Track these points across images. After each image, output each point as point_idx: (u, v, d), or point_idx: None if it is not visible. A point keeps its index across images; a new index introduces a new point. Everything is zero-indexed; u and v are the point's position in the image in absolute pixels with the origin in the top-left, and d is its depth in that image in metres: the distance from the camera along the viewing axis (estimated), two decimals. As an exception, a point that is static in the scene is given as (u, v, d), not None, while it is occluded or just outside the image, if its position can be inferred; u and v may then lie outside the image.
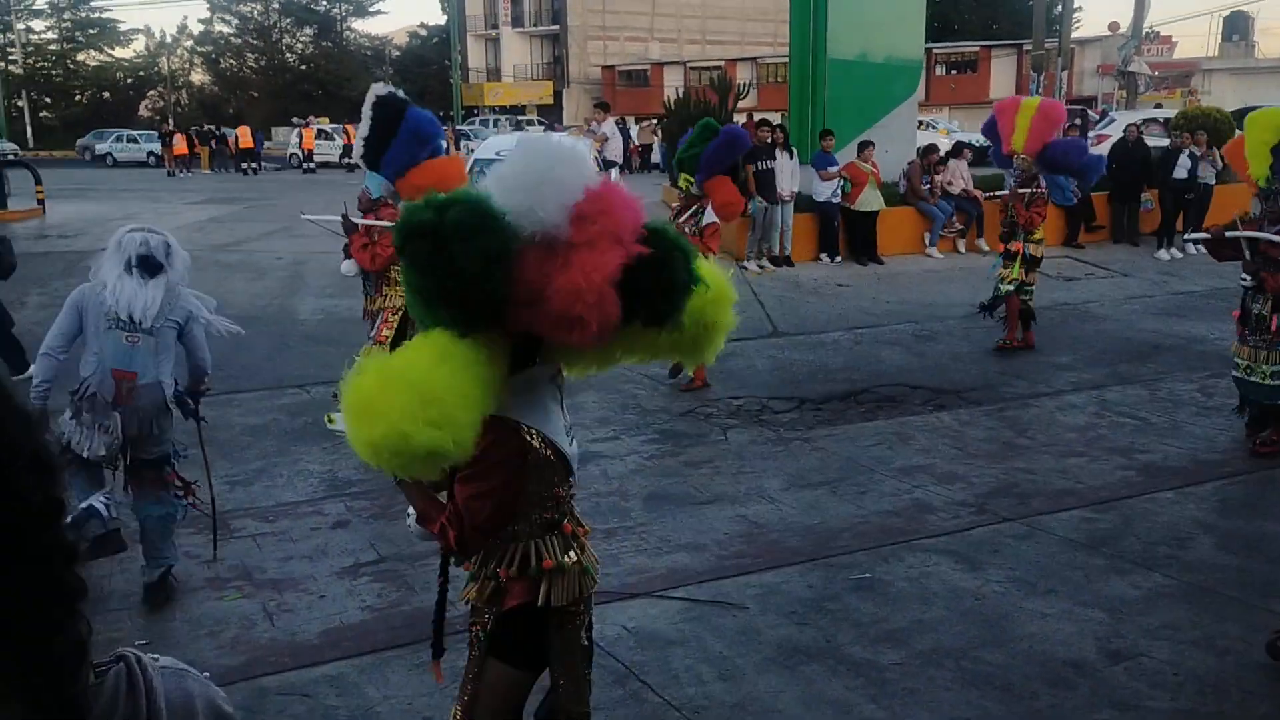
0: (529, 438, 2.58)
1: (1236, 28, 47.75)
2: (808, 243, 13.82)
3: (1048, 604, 4.77)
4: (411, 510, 2.80)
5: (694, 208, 8.55)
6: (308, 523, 5.84)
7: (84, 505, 4.34)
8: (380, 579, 5.11)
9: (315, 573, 5.18)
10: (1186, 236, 7.32)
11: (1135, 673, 4.18)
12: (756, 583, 5.05)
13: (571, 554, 2.79)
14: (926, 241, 14.37)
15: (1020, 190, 9.37)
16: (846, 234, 13.93)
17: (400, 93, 7.14)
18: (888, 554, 5.36)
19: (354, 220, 7.02)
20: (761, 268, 13.16)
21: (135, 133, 41.29)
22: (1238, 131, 7.35)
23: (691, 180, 8.55)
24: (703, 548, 5.47)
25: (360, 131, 7.01)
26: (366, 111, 6.94)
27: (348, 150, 36.23)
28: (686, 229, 8.32)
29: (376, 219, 6.91)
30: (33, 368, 8.38)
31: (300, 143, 36.92)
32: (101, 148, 40.40)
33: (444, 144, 7.47)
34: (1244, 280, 6.66)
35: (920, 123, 32.55)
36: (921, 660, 4.28)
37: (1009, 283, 9.49)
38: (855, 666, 4.25)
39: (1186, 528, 5.62)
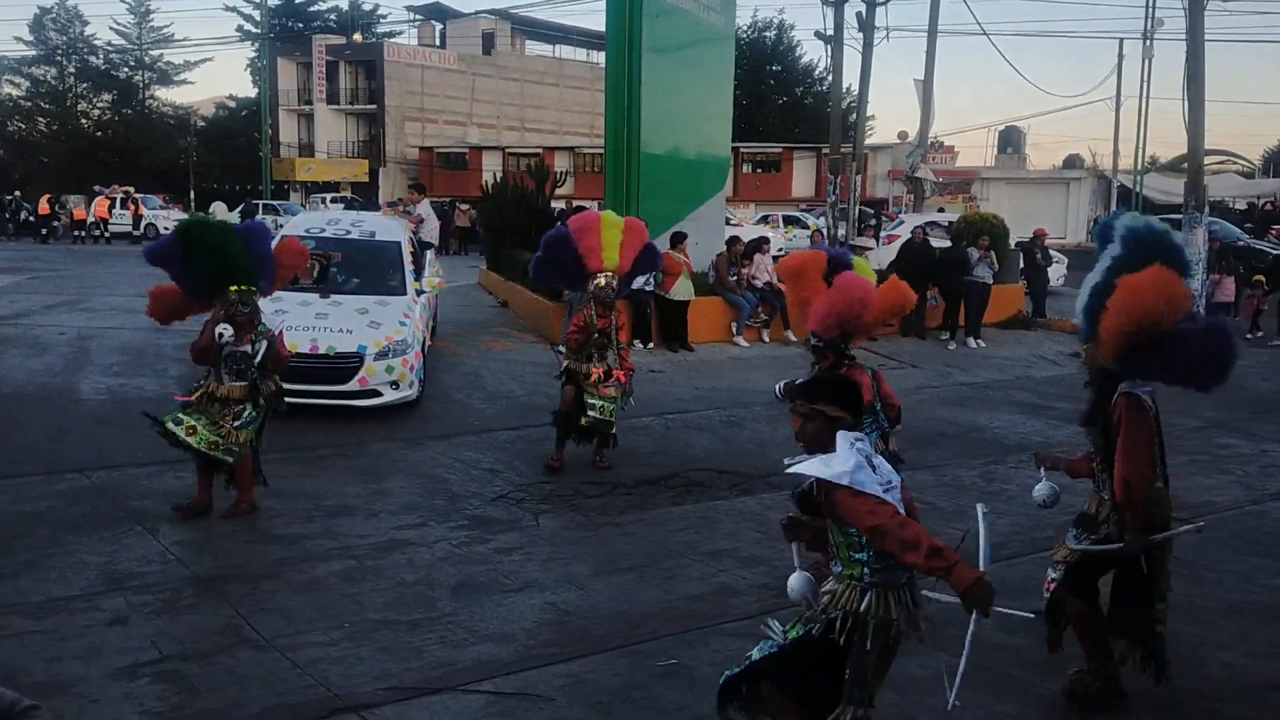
0: None
1: (1010, 141, 52.42)
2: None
3: (844, 685, 4.92)
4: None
5: (256, 324, 7.22)
6: (81, 619, 5.41)
7: None
8: (162, 680, 4.77)
9: (88, 675, 4.79)
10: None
11: (924, 750, 4.35)
12: (564, 672, 5.00)
13: None
14: (734, 331, 14.89)
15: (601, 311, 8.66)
16: (659, 322, 14.29)
17: None
18: (694, 639, 5.42)
19: None
20: (575, 353, 13.26)
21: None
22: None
23: (254, 289, 7.20)
24: (511, 637, 5.39)
25: None
26: None
27: (137, 221, 34.71)
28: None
29: None
30: None
31: (94, 210, 35.07)
32: None
33: None
34: None
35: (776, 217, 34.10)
36: (725, 746, 4.32)
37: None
38: (660, 755, 4.25)
39: (969, 608, 5.93)
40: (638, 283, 13.76)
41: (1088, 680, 4.79)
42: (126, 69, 59.12)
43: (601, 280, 8.58)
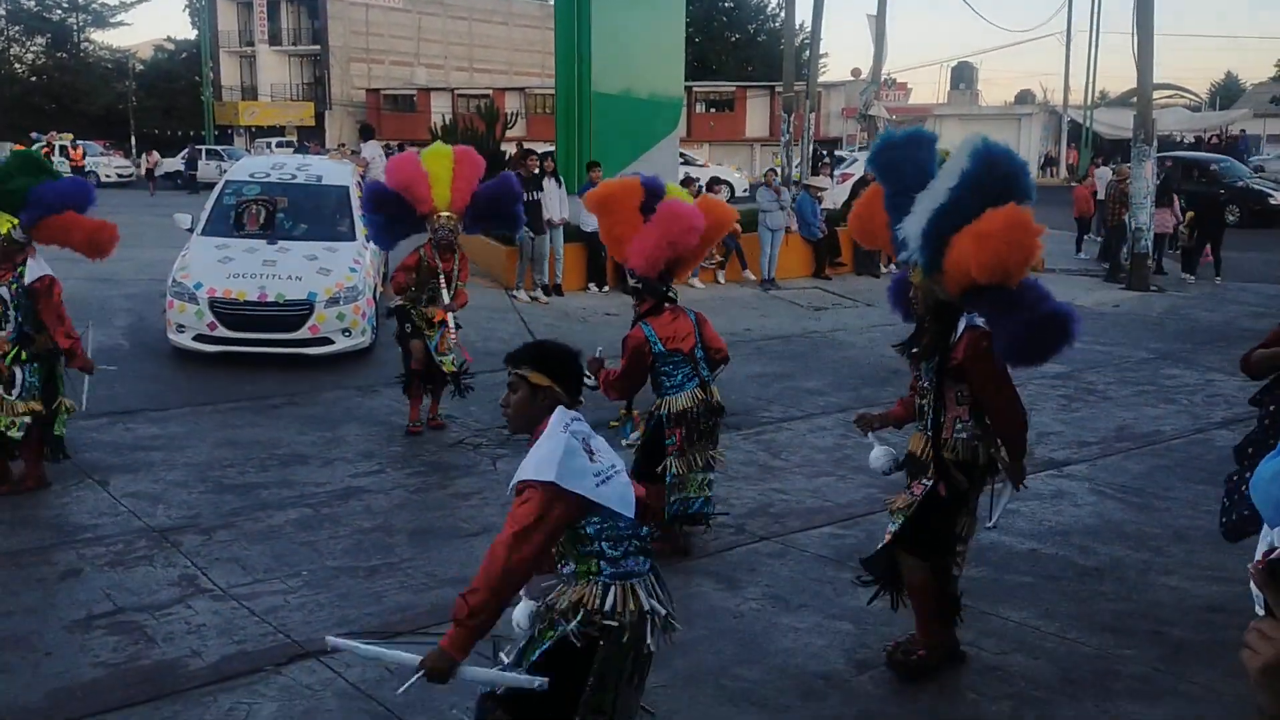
0: None
1: (963, 77, 52.39)
2: (577, 272, 14.01)
3: (800, 619, 5.00)
4: None
5: (17, 263, 6.34)
6: (32, 573, 5.34)
7: None
8: (117, 631, 4.73)
9: (42, 628, 4.74)
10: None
11: (879, 681, 4.45)
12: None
13: None
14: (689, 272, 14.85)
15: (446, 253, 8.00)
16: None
17: None
18: (652, 578, 5.46)
19: None
20: (533, 297, 13.20)
21: None
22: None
23: (14, 222, 6.31)
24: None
25: None
26: None
27: (76, 171, 33.79)
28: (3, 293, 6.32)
29: None
30: None
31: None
32: None
33: None
34: None
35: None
36: (683, 681, 4.39)
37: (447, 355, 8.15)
38: (621, 692, 4.30)
39: (923, 540, 6.03)
40: (590, 224, 13.72)
41: (910, 647, 4.46)
42: (60, 11, 57.05)
43: (442, 219, 7.75)
